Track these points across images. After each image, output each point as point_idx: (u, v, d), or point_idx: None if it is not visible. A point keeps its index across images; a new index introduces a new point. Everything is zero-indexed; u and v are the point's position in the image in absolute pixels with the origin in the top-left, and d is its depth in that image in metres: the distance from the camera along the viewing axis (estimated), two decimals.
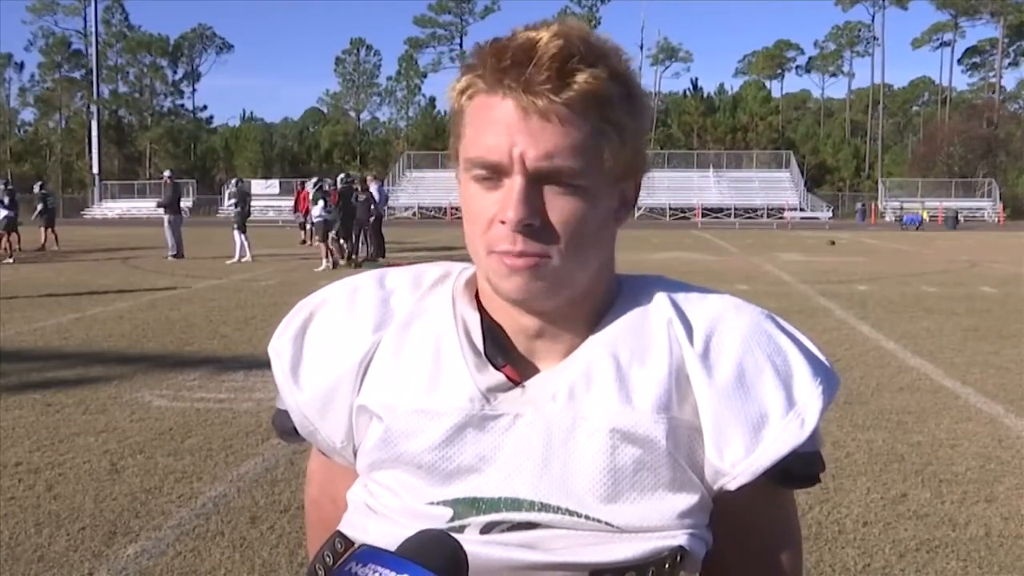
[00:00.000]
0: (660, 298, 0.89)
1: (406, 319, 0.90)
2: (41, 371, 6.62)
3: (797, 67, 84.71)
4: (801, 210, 51.47)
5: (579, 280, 0.84)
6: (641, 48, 72.51)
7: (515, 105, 0.78)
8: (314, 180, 18.01)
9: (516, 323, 0.87)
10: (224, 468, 4.37)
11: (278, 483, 4.12)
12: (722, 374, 0.84)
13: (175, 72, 78.61)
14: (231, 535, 3.53)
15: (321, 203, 16.34)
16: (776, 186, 55.97)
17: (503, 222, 0.80)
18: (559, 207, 0.80)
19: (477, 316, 0.89)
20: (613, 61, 0.81)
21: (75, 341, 8.03)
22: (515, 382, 0.86)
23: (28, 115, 79.70)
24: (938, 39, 77.66)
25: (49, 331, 8.55)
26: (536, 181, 0.79)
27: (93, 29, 70.21)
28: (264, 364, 0.99)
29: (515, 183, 0.79)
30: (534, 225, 0.79)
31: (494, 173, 0.81)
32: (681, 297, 0.90)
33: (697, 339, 0.86)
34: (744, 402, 0.83)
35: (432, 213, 51.03)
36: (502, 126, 0.79)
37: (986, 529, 3.64)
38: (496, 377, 0.86)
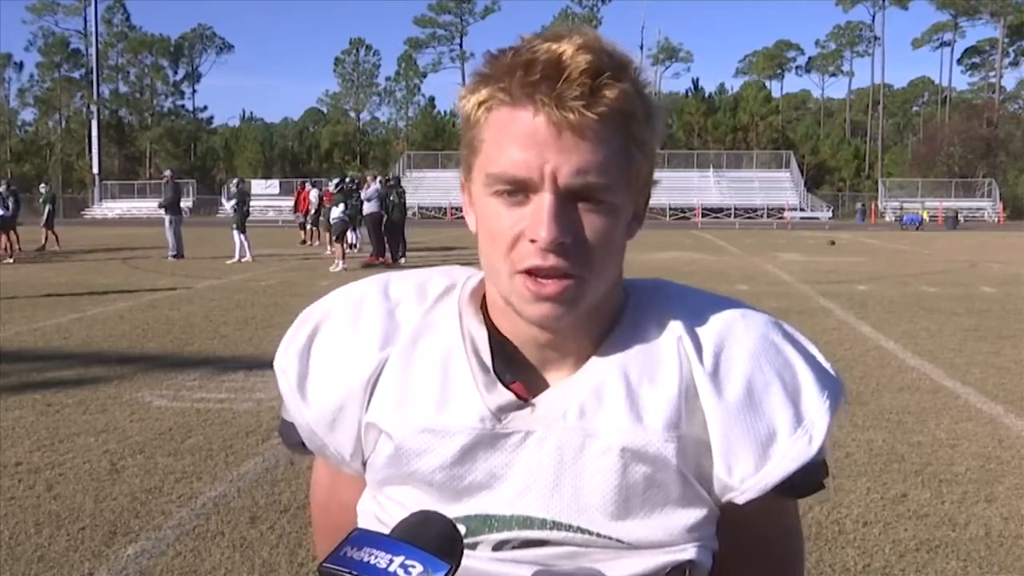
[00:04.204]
0: (669, 312, 0.88)
1: (413, 335, 0.89)
2: (41, 371, 6.62)
3: (797, 67, 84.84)
4: (801, 210, 51.50)
5: (599, 295, 0.84)
6: (641, 48, 72.64)
7: (547, 120, 0.76)
8: (336, 181, 17.90)
9: (526, 334, 0.86)
10: (224, 468, 4.37)
11: (278, 483, 4.12)
12: (731, 391, 0.84)
13: (175, 72, 78.77)
14: (231, 535, 3.52)
15: (342, 205, 16.26)
16: (776, 186, 56.01)
17: (533, 240, 0.78)
18: (588, 224, 0.79)
19: (484, 331, 0.88)
20: (633, 74, 0.80)
21: (75, 341, 8.02)
22: (525, 399, 0.85)
23: (28, 115, 79.83)
24: (938, 39, 77.73)
25: (49, 331, 8.55)
26: (566, 198, 0.78)
27: (93, 29, 70.27)
28: (264, 364, 0.99)
29: (545, 200, 0.77)
30: (566, 243, 0.78)
31: (520, 189, 0.78)
32: (689, 309, 0.89)
33: (706, 356, 0.85)
34: (753, 419, 0.83)
35: (432, 213, 51.01)
36: (532, 141, 0.77)
37: (986, 529, 3.64)
38: (505, 396, 0.85)
